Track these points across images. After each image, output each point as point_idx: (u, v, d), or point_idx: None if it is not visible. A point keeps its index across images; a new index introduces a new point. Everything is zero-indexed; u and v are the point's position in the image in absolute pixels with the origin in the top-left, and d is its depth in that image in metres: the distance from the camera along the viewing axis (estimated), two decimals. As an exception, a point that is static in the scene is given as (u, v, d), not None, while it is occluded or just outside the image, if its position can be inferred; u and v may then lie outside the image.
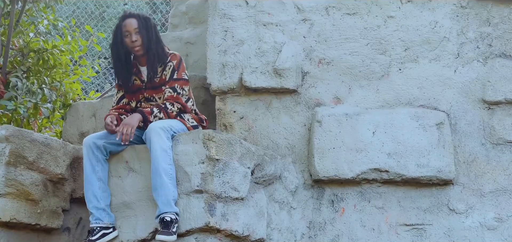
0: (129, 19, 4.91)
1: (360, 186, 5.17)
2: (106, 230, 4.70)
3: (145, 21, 4.91)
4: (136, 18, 4.90)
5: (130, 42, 4.88)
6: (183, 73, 4.93)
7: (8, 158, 4.69)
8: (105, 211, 4.72)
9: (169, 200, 4.47)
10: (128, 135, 4.64)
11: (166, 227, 4.41)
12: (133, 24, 4.88)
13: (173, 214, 4.46)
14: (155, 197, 4.51)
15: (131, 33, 4.87)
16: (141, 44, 4.88)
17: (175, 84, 4.88)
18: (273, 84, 5.26)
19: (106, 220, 4.71)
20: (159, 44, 4.94)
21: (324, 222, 5.16)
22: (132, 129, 4.66)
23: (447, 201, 5.16)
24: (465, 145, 5.24)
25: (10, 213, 4.73)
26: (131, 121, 4.71)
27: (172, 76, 4.89)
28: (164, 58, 4.92)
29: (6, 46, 5.97)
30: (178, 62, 4.93)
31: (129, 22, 4.90)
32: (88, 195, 4.72)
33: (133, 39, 4.86)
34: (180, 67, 4.92)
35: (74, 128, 6.18)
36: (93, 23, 12.37)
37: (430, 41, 5.32)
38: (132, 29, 4.87)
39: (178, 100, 4.85)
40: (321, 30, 5.34)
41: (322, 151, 5.11)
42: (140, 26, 4.87)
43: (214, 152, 4.52)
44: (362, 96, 5.29)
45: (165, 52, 4.95)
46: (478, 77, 5.29)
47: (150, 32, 4.89)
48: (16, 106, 5.72)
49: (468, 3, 5.36)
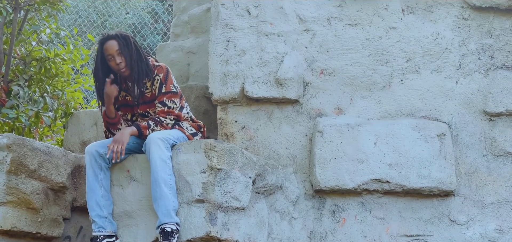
0: (109, 41, 4.84)
1: (361, 196, 5.16)
2: (109, 238, 4.70)
3: (124, 40, 4.84)
4: (115, 39, 4.83)
5: (115, 65, 4.83)
6: (171, 86, 4.88)
7: (9, 166, 4.69)
8: (108, 219, 4.72)
9: (169, 210, 4.47)
10: (119, 153, 4.65)
11: (166, 238, 4.41)
12: (114, 46, 4.82)
13: (173, 224, 4.45)
14: (155, 208, 4.51)
15: (114, 56, 4.82)
16: (126, 65, 4.84)
17: (164, 98, 4.85)
18: (275, 94, 5.26)
19: (109, 228, 4.71)
20: (142, 61, 4.87)
21: (325, 232, 5.15)
22: (122, 145, 4.66)
23: (448, 212, 5.15)
24: (467, 156, 5.24)
25: (10, 221, 4.73)
26: (121, 137, 4.71)
27: (160, 91, 4.86)
28: (149, 73, 4.87)
29: (8, 54, 5.98)
30: (165, 75, 4.89)
31: (109, 45, 4.83)
32: (91, 203, 4.71)
33: (117, 62, 4.81)
34: (167, 80, 4.88)
35: (75, 137, 6.19)
36: (95, 32, 12.39)
37: (432, 52, 5.33)
38: (114, 51, 4.81)
39: (171, 114, 4.85)
40: (323, 41, 5.35)
41: (323, 161, 5.11)
42: (121, 46, 4.81)
43: (216, 162, 4.52)
44: (363, 107, 5.29)
45: (149, 67, 4.89)
46: (479, 88, 5.30)
47: (131, 50, 4.83)
48: (17, 115, 5.73)
49: (470, 15, 5.36)
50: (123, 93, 4.98)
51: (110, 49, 4.82)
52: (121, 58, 4.82)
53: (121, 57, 4.81)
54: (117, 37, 4.84)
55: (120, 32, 4.91)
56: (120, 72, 4.87)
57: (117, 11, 13.44)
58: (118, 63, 4.81)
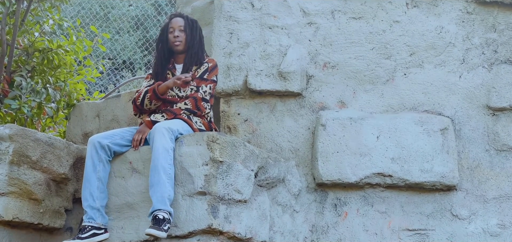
0: (177, 18, 5.13)
1: (363, 190, 5.16)
2: (97, 230, 4.67)
3: (191, 23, 5.11)
4: (183, 18, 5.11)
5: (173, 38, 5.06)
6: (214, 76, 5.03)
7: (12, 157, 4.69)
8: (100, 211, 4.70)
9: (164, 197, 4.45)
10: (139, 141, 4.81)
11: (157, 224, 4.37)
12: (179, 22, 5.09)
13: (166, 212, 4.43)
14: (151, 193, 4.49)
15: (175, 29, 5.07)
16: (183, 41, 5.05)
17: (202, 83, 4.96)
18: (278, 87, 5.26)
19: (99, 221, 4.69)
20: (201, 47, 5.09)
21: (326, 226, 5.15)
22: (143, 135, 4.81)
23: (450, 206, 5.15)
24: (469, 150, 5.23)
25: (12, 212, 4.73)
26: (144, 128, 4.86)
27: (203, 75, 4.98)
28: (202, 60, 5.06)
29: (11, 45, 5.97)
30: (214, 65, 5.06)
31: (175, 20, 5.11)
32: (85, 193, 4.70)
33: (176, 35, 5.05)
34: (214, 70, 5.03)
35: (77, 128, 6.19)
36: (98, 23, 12.38)
37: (436, 46, 5.32)
38: (177, 26, 5.07)
39: (195, 95, 4.90)
40: (327, 34, 5.34)
41: (325, 155, 5.11)
42: (186, 26, 5.07)
43: (218, 154, 4.52)
44: (366, 101, 5.29)
45: (204, 56, 5.10)
46: (483, 83, 5.29)
47: (194, 32, 5.08)
48: (20, 106, 5.72)
49: (474, 9, 5.35)
50: (168, 72, 5.12)
51: (174, 23, 5.11)
52: (180, 34, 5.05)
53: (181, 34, 5.06)
54: (185, 18, 5.14)
55: (190, 16, 5.21)
56: (173, 46, 5.08)
57: (120, 3, 13.43)
58: (176, 36, 5.05)
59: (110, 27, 12.76)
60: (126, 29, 13.07)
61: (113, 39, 12.62)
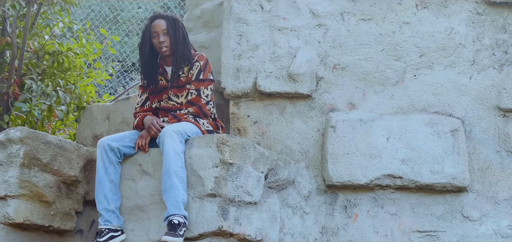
0: (158, 20, 4.99)
1: (374, 191, 5.15)
2: (115, 232, 4.70)
3: (173, 22, 4.98)
4: (165, 20, 4.98)
5: (158, 43, 4.96)
6: (209, 74, 4.98)
7: (23, 159, 4.70)
8: (115, 213, 4.72)
9: (178, 202, 4.46)
10: (143, 146, 4.80)
11: (173, 229, 4.39)
12: (161, 25, 4.95)
13: (181, 216, 4.44)
14: (164, 198, 4.50)
15: (159, 34, 4.95)
16: (169, 45, 4.95)
17: (201, 86, 4.92)
18: (287, 89, 5.26)
19: (115, 223, 4.71)
20: (186, 46, 4.99)
21: (337, 228, 5.15)
22: (146, 140, 4.81)
23: (461, 208, 5.13)
24: (480, 152, 5.21)
25: (23, 214, 4.75)
26: (146, 133, 4.85)
27: (198, 77, 4.94)
28: (190, 59, 4.97)
29: (21, 48, 5.99)
30: (205, 63, 4.98)
31: (157, 23, 4.97)
32: (99, 196, 4.72)
33: (161, 40, 4.94)
34: (206, 68, 4.97)
35: (88, 131, 6.20)
36: (107, 26, 12.41)
37: (446, 47, 5.30)
38: (160, 30, 4.95)
39: (198, 102, 4.87)
40: (336, 36, 5.33)
41: (335, 156, 5.10)
42: (169, 27, 4.94)
43: (228, 156, 4.52)
44: (376, 102, 5.28)
45: (191, 54, 5.00)
46: (493, 84, 5.27)
47: (177, 33, 4.96)
48: (30, 108, 5.74)
49: (484, 10, 5.33)
50: (160, 77, 5.07)
51: (157, 27, 4.96)
52: (165, 38, 4.95)
53: (165, 37, 4.95)
54: (166, 18, 4.99)
55: (170, 14, 5.06)
56: (161, 51, 4.99)
57: (129, 6, 13.45)
58: (161, 42, 4.94)
59: (119, 29, 12.77)
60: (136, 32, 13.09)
61: (123, 42, 12.63)
